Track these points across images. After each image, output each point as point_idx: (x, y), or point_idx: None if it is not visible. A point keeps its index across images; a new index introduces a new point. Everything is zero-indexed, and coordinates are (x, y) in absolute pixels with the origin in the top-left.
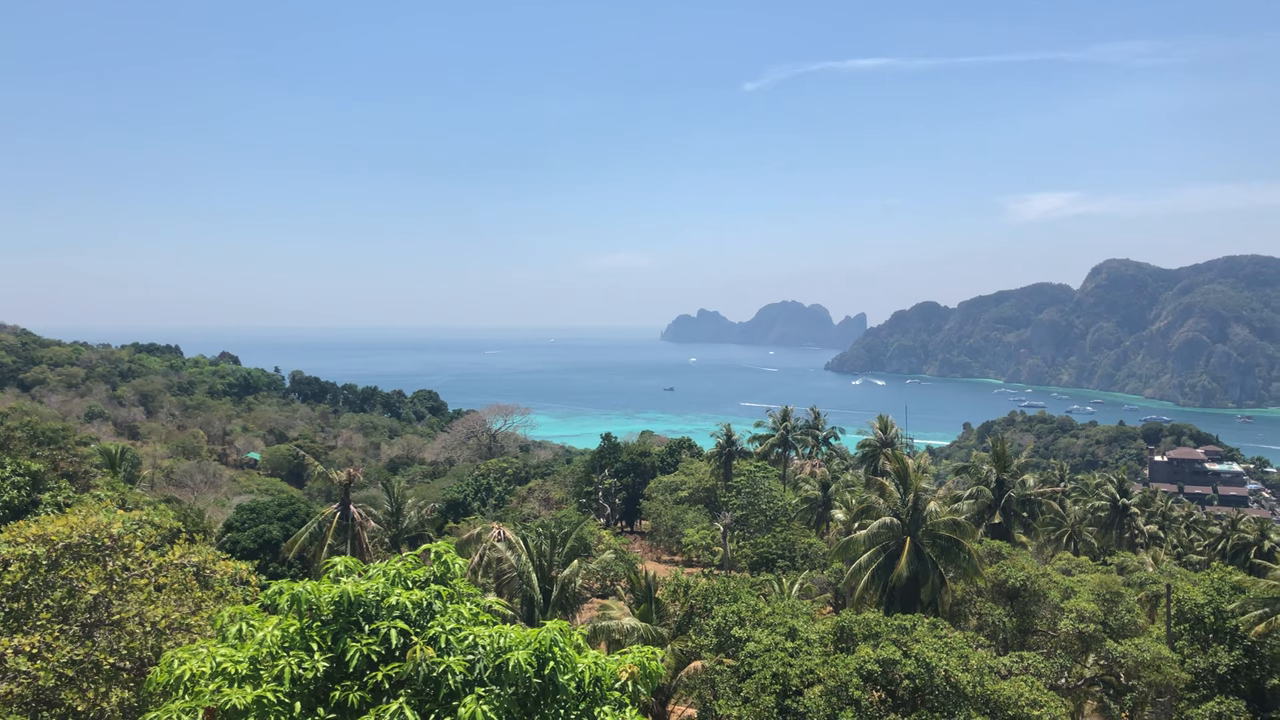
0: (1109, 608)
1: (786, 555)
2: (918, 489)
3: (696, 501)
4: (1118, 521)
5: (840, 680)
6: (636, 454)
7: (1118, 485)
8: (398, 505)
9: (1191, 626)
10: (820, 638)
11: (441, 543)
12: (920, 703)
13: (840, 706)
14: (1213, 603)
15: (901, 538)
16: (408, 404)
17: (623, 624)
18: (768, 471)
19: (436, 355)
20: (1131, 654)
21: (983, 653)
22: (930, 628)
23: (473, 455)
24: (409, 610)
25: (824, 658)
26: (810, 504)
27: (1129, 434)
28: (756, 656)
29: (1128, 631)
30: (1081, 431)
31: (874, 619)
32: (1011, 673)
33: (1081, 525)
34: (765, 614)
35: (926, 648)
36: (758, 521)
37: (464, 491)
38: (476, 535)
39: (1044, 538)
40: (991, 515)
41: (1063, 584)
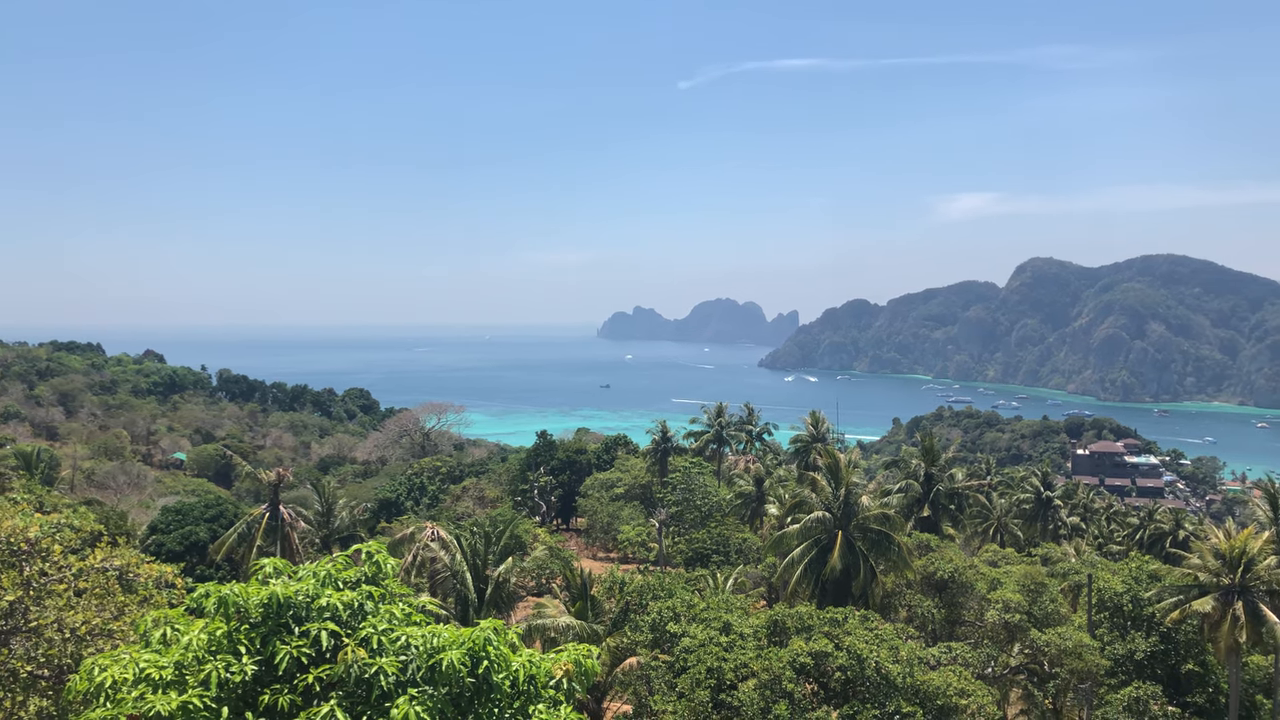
0: (1033, 598)
1: (721, 550)
2: (849, 483)
3: (632, 498)
4: (1042, 514)
5: (774, 673)
6: (572, 451)
7: (1042, 478)
8: (328, 505)
9: (1111, 614)
10: (754, 632)
11: (373, 543)
12: (852, 694)
13: (774, 699)
14: (1131, 591)
15: (833, 531)
16: (339, 402)
17: (558, 622)
18: (703, 468)
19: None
20: (1055, 642)
21: (912, 644)
22: (862, 620)
23: (405, 454)
24: (340, 611)
25: (758, 651)
26: (744, 499)
27: (1052, 428)
28: (691, 651)
29: (1051, 621)
30: (1007, 426)
31: (807, 612)
32: (940, 663)
33: (1007, 518)
34: (700, 609)
35: (858, 640)
36: (693, 517)
37: (396, 491)
38: (409, 535)
39: (971, 530)
40: (920, 509)
41: (989, 575)
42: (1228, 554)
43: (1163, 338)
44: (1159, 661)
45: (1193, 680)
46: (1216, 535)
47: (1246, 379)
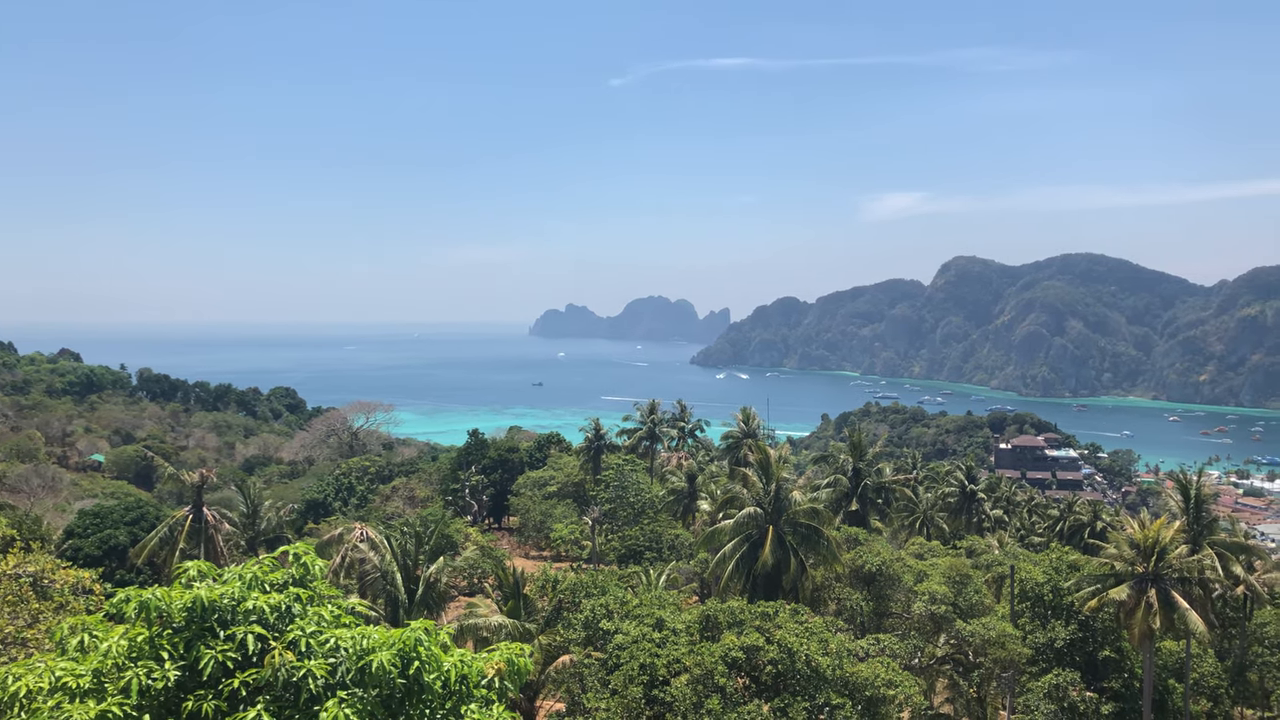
0: (959, 589)
1: (654, 547)
2: (779, 479)
3: (565, 496)
4: (966, 507)
5: (706, 668)
6: (504, 450)
7: (966, 472)
8: (254, 506)
9: (1033, 604)
10: (687, 627)
11: (301, 544)
12: (783, 687)
13: (706, 694)
14: (1051, 581)
15: (764, 526)
16: (264, 402)
17: (490, 621)
18: (636, 465)
19: (292, 351)
20: (979, 632)
21: (842, 636)
22: (792, 614)
23: (333, 454)
24: (267, 614)
25: (690, 647)
26: (677, 496)
27: (976, 423)
28: (624, 648)
29: (976, 611)
30: (932, 421)
31: (738, 607)
32: (869, 655)
33: (933, 511)
34: (633, 606)
35: (788, 633)
36: (626, 514)
37: (324, 491)
38: (338, 536)
39: (898, 523)
40: (849, 503)
41: (916, 568)
42: (1142, 544)
43: (1081, 335)
44: (1077, 649)
45: (1109, 666)
46: (1132, 526)
47: (1159, 374)
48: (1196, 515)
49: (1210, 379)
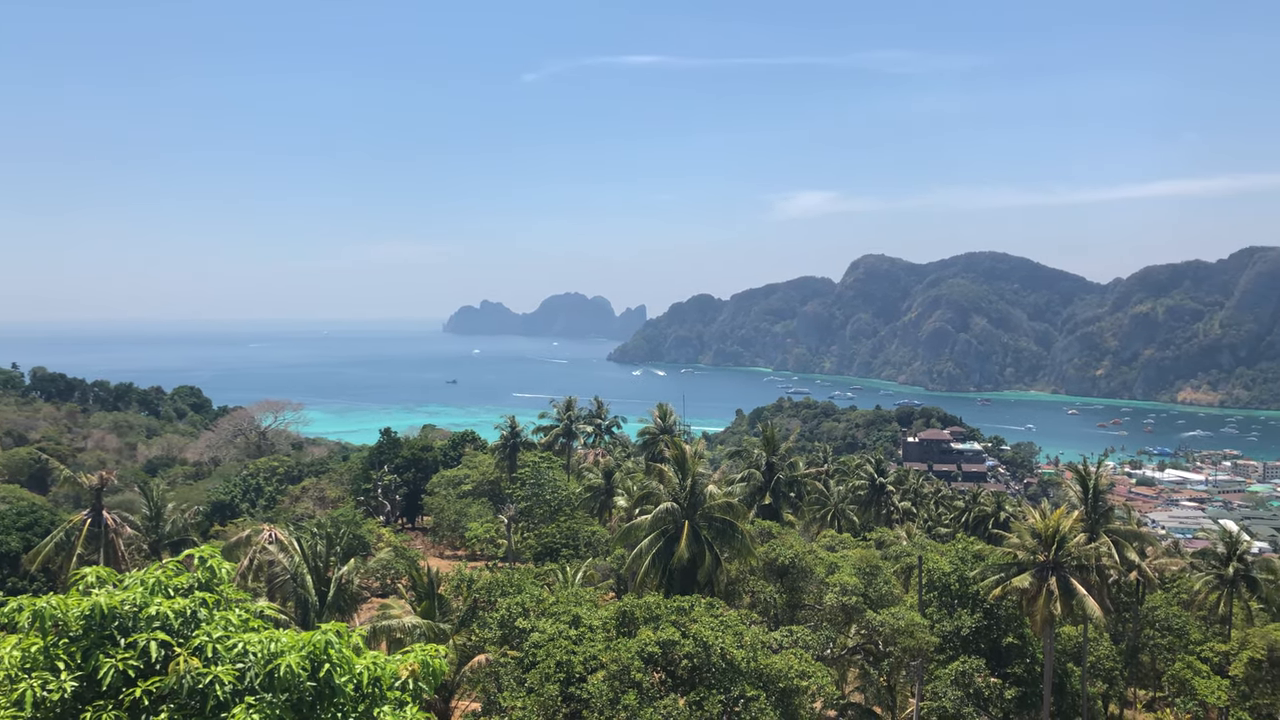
0: (869, 580)
1: (570, 544)
2: (695, 474)
3: (481, 495)
4: (876, 499)
5: (622, 664)
6: (418, 449)
7: (875, 465)
8: (157, 509)
9: (940, 593)
10: (603, 624)
11: (207, 547)
12: (699, 680)
13: (623, 690)
14: (957, 571)
15: (680, 521)
16: (167, 401)
17: (404, 622)
18: (552, 462)
19: (195, 349)
20: (889, 622)
21: (756, 629)
22: (707, 608)
23: (240, 454)
24: (171, 620)
25: (607, 643)
26: (593, 492)
27: (885, 417)
28: (540, 646)
29: (885, 602)
30: (843, 416)
31: (654, 602)
32: (782, 646)
33: (844, 504)
34: (549, 604)
35: (704, 627)
36: (542, 512)
37: (231, 492)
38: (245, 538)
39: (810, 516)
40: (762, 496)
41: (828, 560)
42: (1043, 533)
43: (985, 331)
44: (982, 636)
45: (1012, 652)
46: (1033, 516)
47: (1059, 369)
48: (1094, 505)
49: (1106, 373)
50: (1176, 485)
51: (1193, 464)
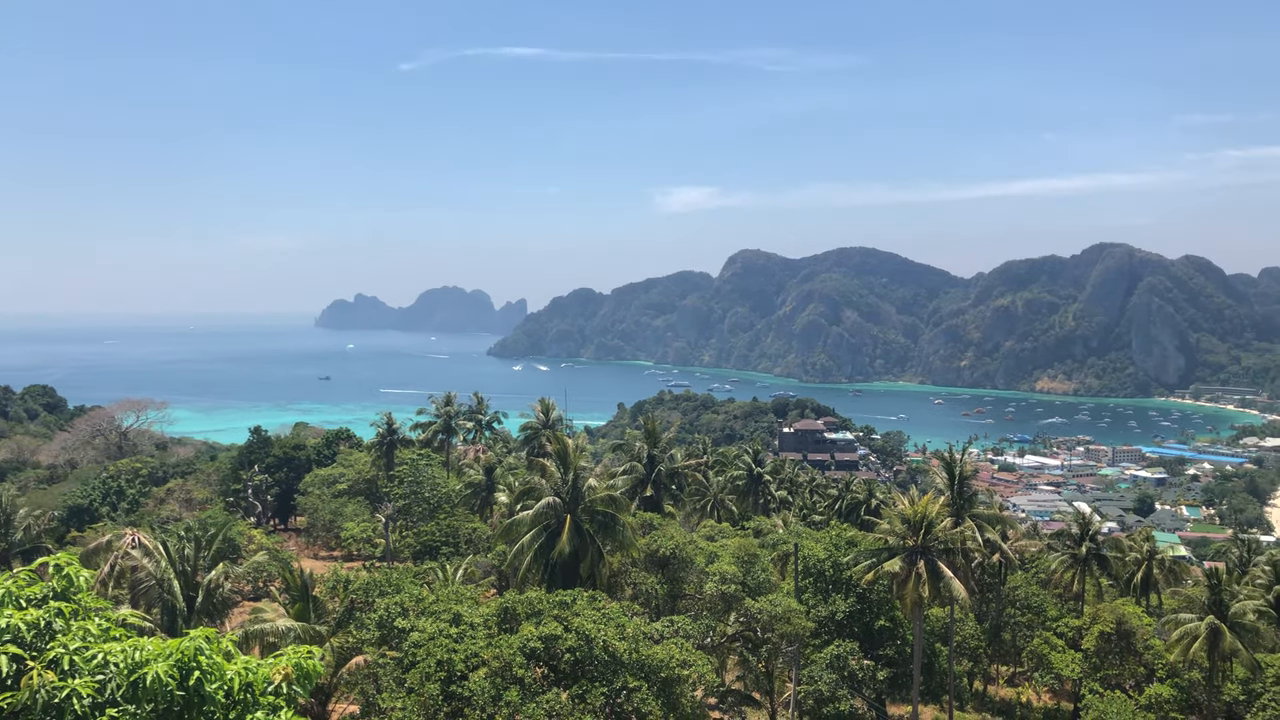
0: (747, 569)
1: (451, 542)
2: (577, 468)
3: (357, 493)
4: (754, 489)
5: (504, 660)
6: (290, 447)
7: (753, 456)
8: (7, 515)
9: (815, 580)
10: (485, 621)
11: (63, 554)
12: (581, 674)
13: (505, 686)
14: (832, 557)
15: (563, 516)
16: (17, 401)
17: (277, 625)
18: (431, 459)
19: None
20: (766, 609)
21: (638, 620)
22: (590, 601)
23: (100, 456)
24: (23, 632)
25: (488, 640)
26: (474, 489)
27: (762, 409)
28: (420, 646)
29: (763, 589)
30: (722, 408)
31: (536, 597)
32: (664, 637)
33: (723, 494)
34: (429, 602)
35: (586, 620)
36: (421, 510)
37: (89, 496)
38: (106, 543)
39: (691, 507)
40: (644, 489)
41: (707, 550)
42: (912, 519)
43: (856, 324)
44: (856, 620)
45: (884, 634)
46: (902, 502)
47: (925, 360)
48: (959, 490)
49: (970, 364)
50: (1035, 470)
51: (1050, 450)
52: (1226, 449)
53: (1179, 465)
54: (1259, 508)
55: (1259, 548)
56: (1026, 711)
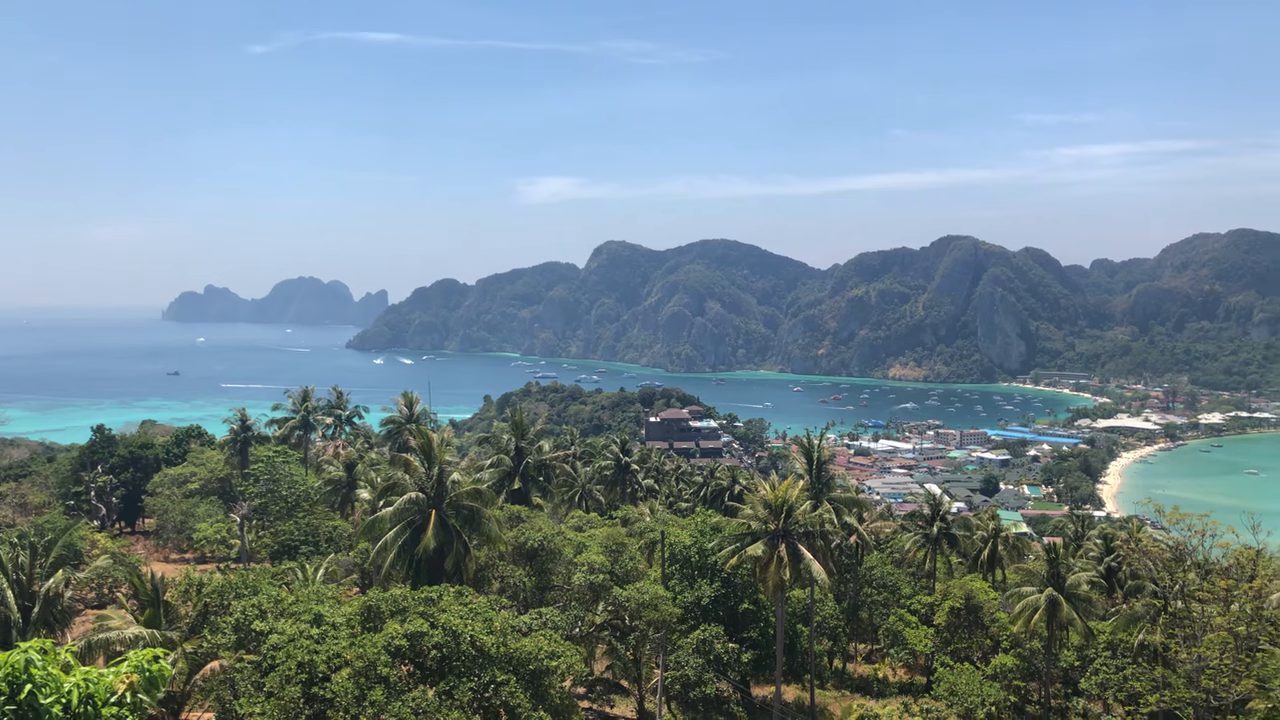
0: (615, 558)
1: (310, 540)
2: (442, 462)
3: (210, 493)
4: (621, 479)
5: (368, 660)
6: (136, 446)
7: (620, 446)
8: None
9: (681, 566)
10: (347, 620)
11: None
12: (448, 670)
13: (369, 686)
14: (697, 544)
15: (427, 511)
16: None
17: (125, 633)
18: (288, 456)
19: None
20: (634, 597)
21: (506, 614)
22: (456, 596)
23: None
24: None
25: (351, 640)
26: (335, 486)
27: (628, 399)
28: (280, 648)
29: (631, 577)
30: (589, 399)
31: (401, 594)
32: (532, 629)
33: (591, 484)
34: (289, 603)
35: (453, 616)
36: (279, 509)
37: None
38: None
39: (559, 498)
40: (512, 482)
41: (575, 540)
42: (773, 503)
43: (719, 315)
44: (721, 604)
45: (748, 618)
46: (764, 488)
47: (785, 349)
48: (818, 475)
49: (827, 353)
50: (889, 454)
51: (902, 435)
52: (1063, 431)
53: (1021, 447)
54: (1091, 485)
55: (1091, 523)
56: (883, 686)
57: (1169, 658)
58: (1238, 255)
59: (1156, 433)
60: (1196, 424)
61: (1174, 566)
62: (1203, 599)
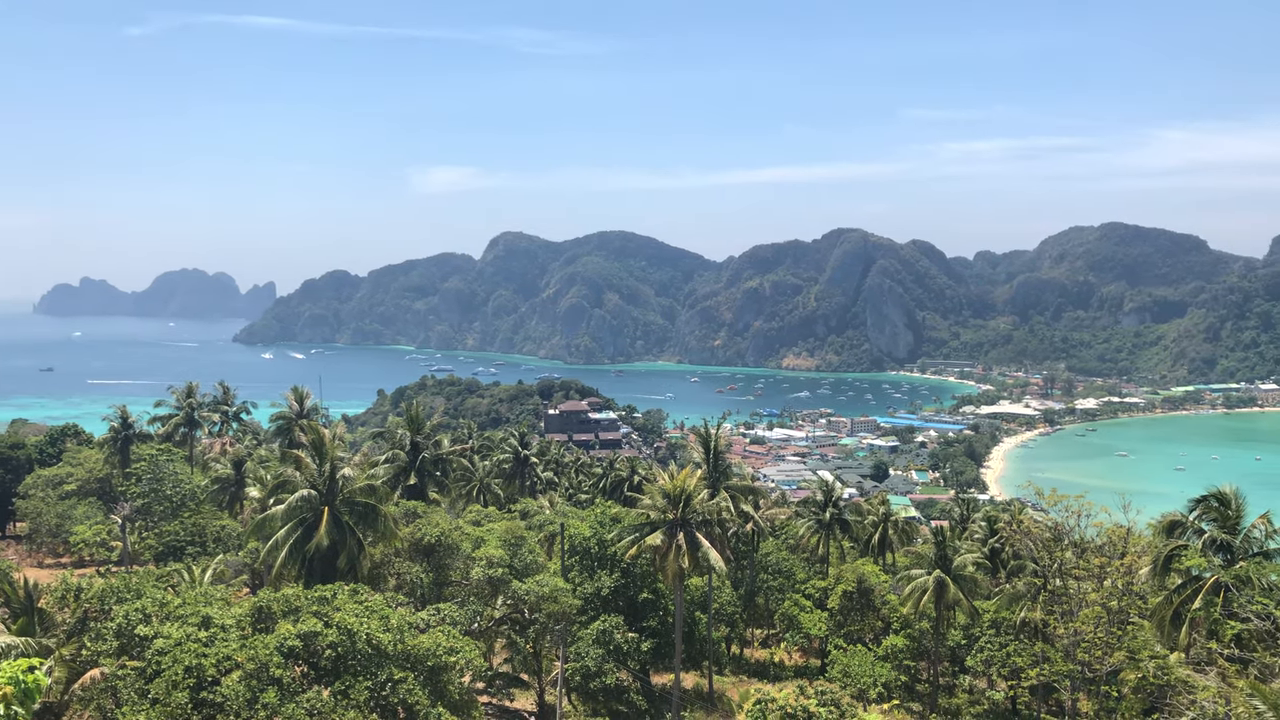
0: (514, 551)
1: (198, 541)
2: (334, 458)
3: (88, 494)
4: (520, 471)
5: (260, 661)
6: (6, 446)
7: (519, 439)
8: None
9: (581, 558)
10: (237, 622)
11: None
12: (344, 669)
13: (261, 688)
14: (597, 535)
15: (319, 508)
16: None
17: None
18: (173, 454)
19: None
20: (534, 590)
21: (403, 610)
22: (351, 594)
23: None
24: None
25: (242, 642)
26: (222, 484)
27: (527, 391)
28: (166, 653)
29: (530, 570)
30: (487, 392)
31: (294, 594)
32: (430, 625)
33: (490, 478)
34: (175, 606)
35: (348, 614)
36: (163, 509)
37: None
38: None
39: (457, 493)
40: (407, 477)
41: (474, 535)
42: (672, 493)
43: (617, 306)
44: (621, 594)
45: (647, 607)
46: (663, 477)
47: (682, 340)
48: (715, 464)
49: (723, 344)
50: (783, 442)
51: (796, 423)
52: (949, 417)
53: (909, 434)
54: (976, 469)
55: (976, 506)
56: (779, 670)
57: (1048, 633)
58: (1109, 247)
59: (1036, 418)
60: (1073, 409)
61: (1053, 546)
62: (1079, 576)
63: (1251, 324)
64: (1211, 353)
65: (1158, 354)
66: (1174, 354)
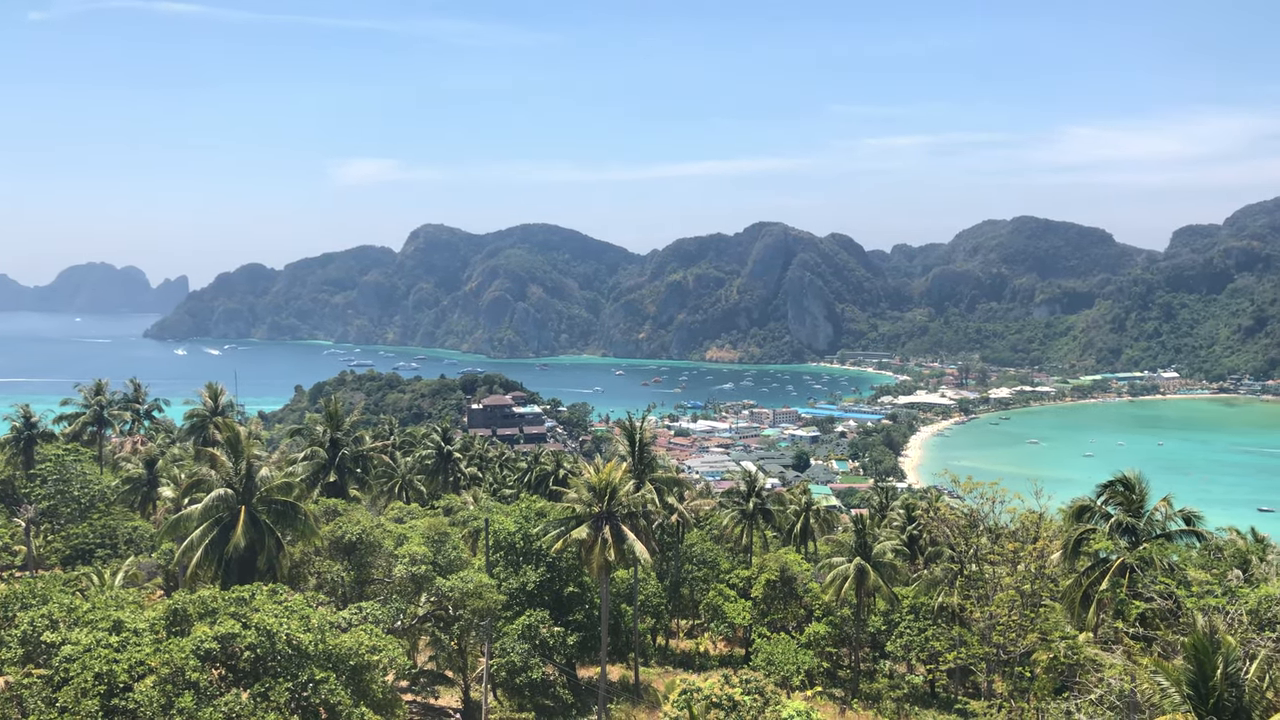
0: (438, 548)
1: (108, 543)
2: (250, 456)
3: None
4: (443, 467)
5: (175, 666)
6: None
7: (442, 434)
8: None
9: (506, 553)
10: (151, 625)
11: None
12: (263, 671)
13: (177, 693)
14: (522, 529)
15: (236, 508)
16: None
17: None
18: (80, 454)
19: None
20: (458, 586)
21: (324, 610)
22: (270, 594)
23: None
24: None
25: (156, 646)
26: (134, 484)
27: (450, 386)
28: (74, 659)
29: (455, 567)
30: (408, 387)
31: (210, 596)
32: (352, 624)
33: (412, 474)
34: (84, 611)
35: (267, 615)
36: (70, 510)
37: None
38: None
39: (378, 490)
40: (327, 474)
41: (396, 532)
42: (597, 486)
43: (541, 300)
44: (546, 589)
45: (573, 600)
46: (588, 471)
47: (607, 333)
48: (640, 457)
49: (647, 336)
50: (707, 434)
51: (719, 415)
52: (868, 407)
53: (830, 424)
54: (894, 459)
55: (895, 494)
56: (704, 660)
57: (965, 617)
58: (1021, 241)
59: (952, 408)
60: (987, 399)
61: (968, 532)
62: (993, 561)
63: (1154, 315)
64: (1117, 343)
65: (1067, 344)
66: (1082, 344)
